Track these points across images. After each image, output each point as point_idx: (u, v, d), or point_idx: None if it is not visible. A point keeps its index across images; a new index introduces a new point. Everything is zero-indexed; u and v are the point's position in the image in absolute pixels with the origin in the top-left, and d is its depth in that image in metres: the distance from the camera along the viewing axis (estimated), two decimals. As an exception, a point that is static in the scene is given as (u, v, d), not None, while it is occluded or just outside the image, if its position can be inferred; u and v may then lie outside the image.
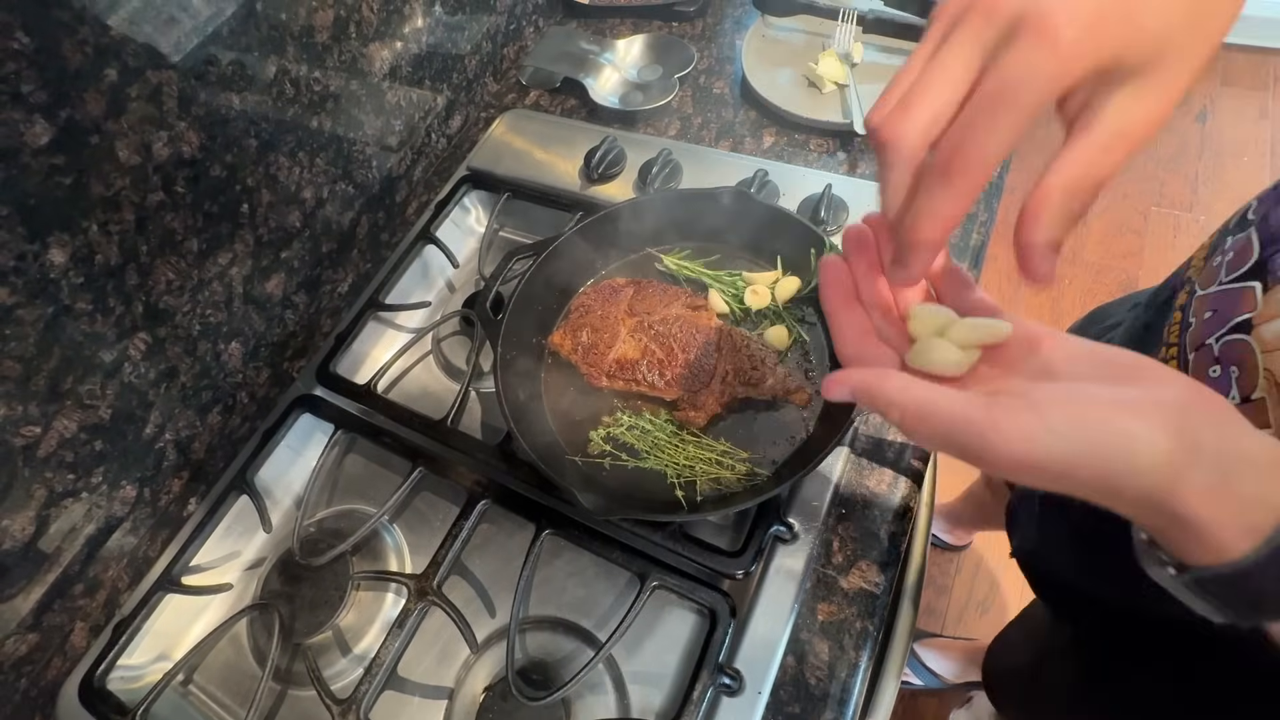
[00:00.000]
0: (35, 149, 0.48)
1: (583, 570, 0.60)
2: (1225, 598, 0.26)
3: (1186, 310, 0.44)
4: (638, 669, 0.55)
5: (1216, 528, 0.25)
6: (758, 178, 0.71)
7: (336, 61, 0.70)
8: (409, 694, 0.58)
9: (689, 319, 0.62)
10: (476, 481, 0.62)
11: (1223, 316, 0.40)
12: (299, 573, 0.63)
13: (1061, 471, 0.26)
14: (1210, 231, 0.52)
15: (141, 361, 0.60)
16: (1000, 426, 0.26)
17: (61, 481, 0.57)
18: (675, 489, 0.56)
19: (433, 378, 0.74)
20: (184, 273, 0.61)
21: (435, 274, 0.81)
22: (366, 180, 0.78)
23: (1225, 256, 0.43)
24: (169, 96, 0.55)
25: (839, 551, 0.56)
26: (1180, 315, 0.45)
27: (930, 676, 1.30)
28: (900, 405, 0.29)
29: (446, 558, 0.58)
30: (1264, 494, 0.25)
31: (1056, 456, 0.25)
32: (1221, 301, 0.41)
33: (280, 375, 0.74)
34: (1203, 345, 0.40)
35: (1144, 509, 0.26)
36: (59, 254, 0.52)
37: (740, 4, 0.95)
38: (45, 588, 0.59)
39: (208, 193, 0.61)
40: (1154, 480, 0.25)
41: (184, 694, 0.61)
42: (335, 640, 0.61)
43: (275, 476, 0.70)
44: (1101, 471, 0.25)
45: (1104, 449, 0.25)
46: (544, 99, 0.92)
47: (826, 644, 0.52)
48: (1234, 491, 0.25)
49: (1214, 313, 0.41)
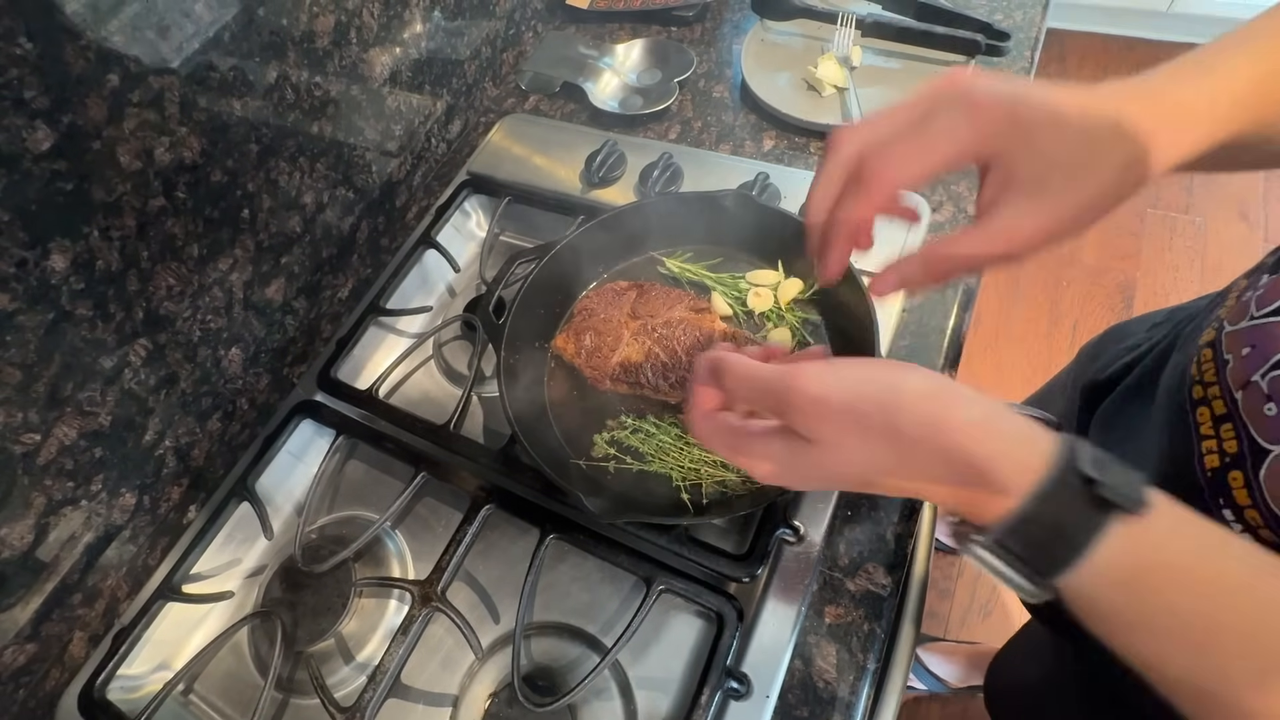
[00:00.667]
0: (37, 154, 0.48)
1: (587, 575, 0.60)
2: (1023, 553, 0.28)
3: (1218, 347, 0.43)
4: (644, 674, 0.55)
5: (992, 463, 0.29)
6: (759, 180, 0.71)
7: (337, 67, 0.70)
8: (413, 701, 0.57)
9: (692, 322, 0.62)
10: (480, 486, 0.62)
11: (1263, 352, 0.39)
12: (301, 580, 0.63)
13: (847, 405, 0.31)
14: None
15: (142, 368, 0.60)
16: (800, 374, 0.33)
17: (61, 489, 0.57)
18: (680, 492, 0.56)
19: (434, 383, 0.74)
20: (184, 278, 0.61)
21: (436, 279, 0.81)
22: (367, 185, 0.78)
23: (1256, 293, 0.42)
24: (170, 102, 0.55)
25: (845, 554, 0.55)
26: (1212, 353, 0.44)
27: (934, 681, 1.29)
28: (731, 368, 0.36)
29: (450, 563, 0.58)
30: (1026, 430, 0.30)
31: (844, 391, 0.32)
32: (1257, 337, 0.40)
33: (280, 381, 0.74)
34: (1249, 384, 0.39)
35: (932, 459, 0.30)
36: (60, 260, 0.51)
37: (739, 9, 0.95)
38: (44, 597, 0.58)
39: (208, 198, 0.61)
40: (925, 409, 0.30)
41: (185, 704, 0.60)
42: (338, 648, 0.61)
43: (276, 483, 0.70)
44: (879, 402, 0.31)
45: (879, 384, 0.31)
46: (543, 103, 0.92)
47: (834, 647, 0.52)
48: (999, 429, 0.30)
49: (1252, 349, 0.40)
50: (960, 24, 0.78)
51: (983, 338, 1.72)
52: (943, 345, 0.63)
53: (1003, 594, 1.41)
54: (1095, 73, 2.10)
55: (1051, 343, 1.69)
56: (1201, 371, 0.44)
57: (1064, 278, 1.75)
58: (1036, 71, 0.82)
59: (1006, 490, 0.28)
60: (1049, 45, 2.14)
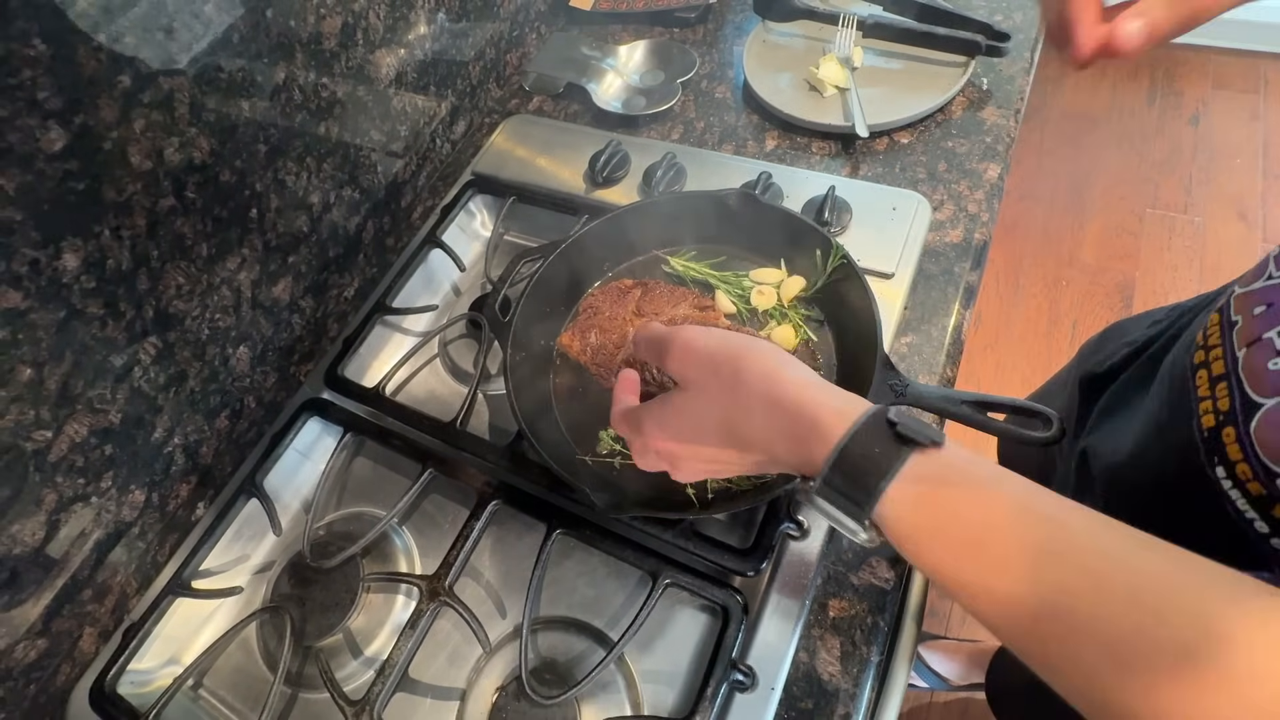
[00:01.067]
0: (50, 154, 0.49)
1: (593, 570, 0.60)
2: (843, 486, 0.34)
3: (1226, 311, 0.44)
4: (650, 668, 0.55)
5: (818, 410, 0.36)
6: (761, 180, 0.72)
7: (343, 68, 0.70)
8: (421, 695, 0.58)
9: (697, 319, 0.62)
10: (486, 483, 0.62)
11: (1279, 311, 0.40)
12: (309, 575, 0.63)
13: (709, 353, 0.40)
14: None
15: (151, 366, 0.60)
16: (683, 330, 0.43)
17: (72, 486, 0.57)
18: (686, 487, 0.57)
19: (440, 381, 0.75)
20: (193, 277, 0.62)
21: (441, 278, 0.82)
22: (372, 185, 0.79)
23: (1275, 253, 0.42)
24: (180, 103, 0.56)
25: (848, 548, 0.56)
26: (1219, 317, 0.44)
27: (935, 679, 1.30)
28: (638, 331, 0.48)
29: (458, 558, 0.59)
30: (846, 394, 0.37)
31: (709, 343, 0.41)
32: (1274, 295, 0.41)
33: (287, 379, 0.75)
34: (1259, 340, 0.40)
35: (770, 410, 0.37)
36: (72, 259, 0.52)
37: (741, 10, 0.96)
38: (54, 593, 0.59)
39: (217, 198, 0.62)
40: (764, 365, 0.38)
41: (194, 698, 0.61)
42: (346, 643, 0.61)
43: (284, 480, 0.70)
44: (730, 354, 0.39)
45: (736, 344, 0.40)
46: (547, 104, 0.92)
47: (838, 639, 0.53)
48: (823, 387, 0.37)
49: (1268, 307, 0.41)
50: (961, 25, 0.79)
51: (983, 337, 1.72)
52: (944, 343, 0.63)
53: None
54: (1094, 73, 2.11)
55: (1051, 342, 1.69)
56: (1206, 337, 0.45)
57: (1063, 278, 1.76)
58: (1036, 72, 0.82)
59: (829, 436, 0.35)
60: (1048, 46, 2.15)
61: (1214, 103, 1.98)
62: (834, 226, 0.69)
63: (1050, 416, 0.45)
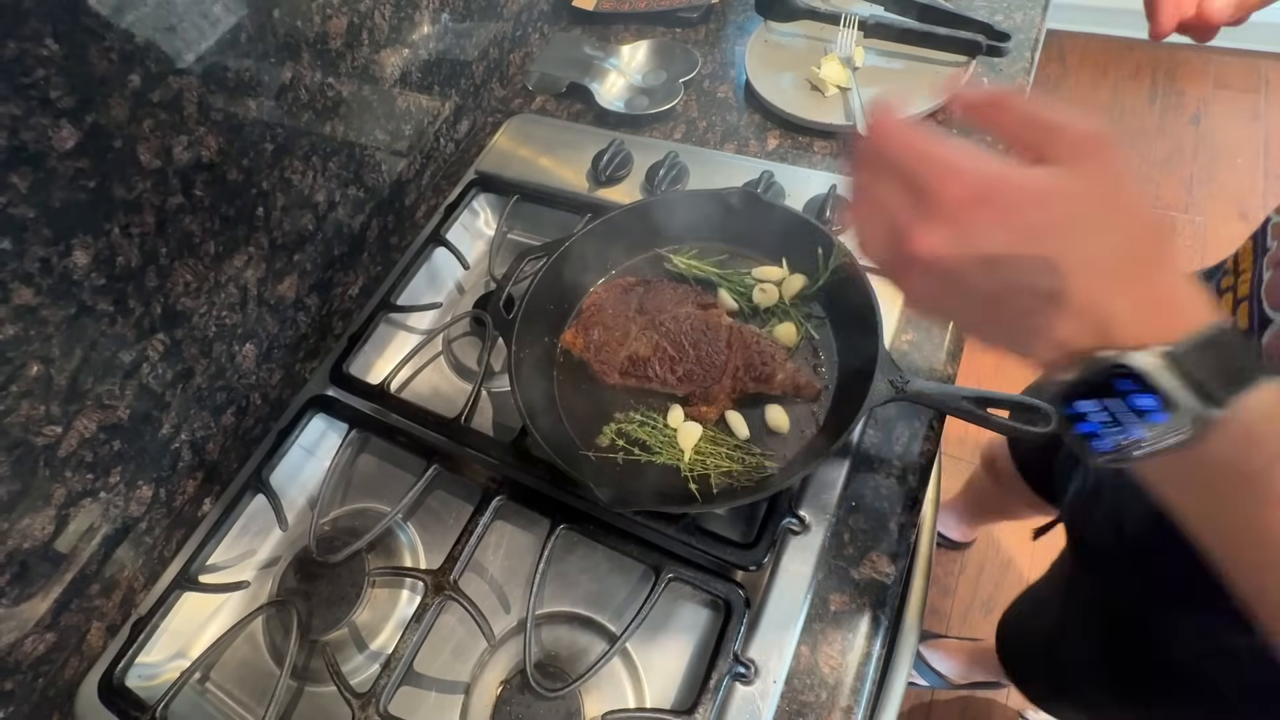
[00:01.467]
0: (62, 153, 0.49)
1: (596, 565, 0.61)
2: (1204, 368, 0.28)
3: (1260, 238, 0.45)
4: (653, 661, 0.56)
5: (1189, 282, 0.30)
6: (763, 179, 0.72)
7: (349, 68, 0.71)
8: (426, 689, 0.58)
9: (699, 317, 0.63)
10: (490, 478, 0.63)
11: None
12: (315, 570, 0.64)
13: (1114, 150, 0.30)
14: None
15: (159, 362, 0.61)
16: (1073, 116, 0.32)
17: (80, 481, 0.58)
18: (688, 482, 0.57)
19: (444, 378, 0.75)
20: (201, 275, 0.62)
21: (445, 276, 0.82)
22: (377, 184, 0.79)
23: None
24: (189, 102, 0.57)
25: (850, 543, 0.56)
26: (1253, 243, 0.46)
27: (935, 677, 1.30)
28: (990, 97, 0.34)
29: (463, 553, 0.59)
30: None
31: (1113, 140, 0.30)
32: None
33: (293, 376, 0.75)
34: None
35: (1143, 229, 0.30)
36: (82, 256, 0.53)
37: (743, 10, 0.96)
38: (63, 587, 0.60)
39: (225, 196, 0.62)
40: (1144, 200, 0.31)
41: (201, 691, 0.62)
42: (351, 637, 0.62)
43: (289, 476, 0.71)
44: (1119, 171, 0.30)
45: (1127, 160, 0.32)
46: (550, 104, 0.93)
47: (839, 633, 0.53)
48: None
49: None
50: (961, 25, 0.79)
51: (984, 336, 1.73)
52: (945, 340, 0.64)
53: (1004, 591, 1.42)
54: (1095, 74, 2.11)
55: (1052, 341, 1.69)
56: (1237, 262, 0.46)
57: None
58: (1036, 73, 0.83)
59: (1194, 311, 0.29)
60: (1049, 46, 2.15)
61: (1215, 102, 1.98)
62: (836, 225, 0.69)
63: (1048, 411, 0.45)
